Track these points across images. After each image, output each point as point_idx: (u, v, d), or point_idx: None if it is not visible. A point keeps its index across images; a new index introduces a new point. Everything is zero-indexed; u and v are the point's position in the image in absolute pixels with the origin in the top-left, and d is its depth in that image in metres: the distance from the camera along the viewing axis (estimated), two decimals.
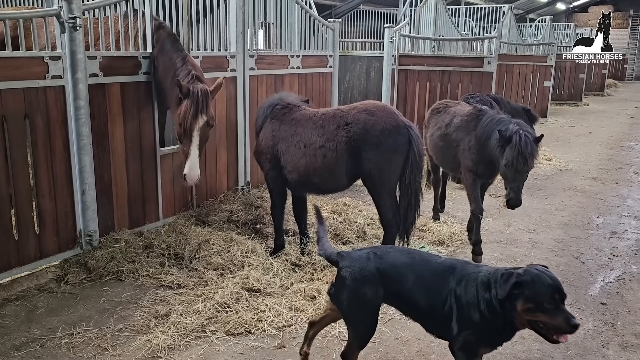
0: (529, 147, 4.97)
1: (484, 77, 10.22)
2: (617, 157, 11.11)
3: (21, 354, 3.75)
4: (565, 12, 35.45)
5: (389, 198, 4.98)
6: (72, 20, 4.79)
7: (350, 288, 3.13)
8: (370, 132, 4.76)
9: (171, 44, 5.38)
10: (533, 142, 5.03)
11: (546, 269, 2.84)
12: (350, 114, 4.90)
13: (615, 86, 28.34)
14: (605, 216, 7.16)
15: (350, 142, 4.80)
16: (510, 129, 5.08)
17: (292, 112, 5.15)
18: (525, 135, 5.01)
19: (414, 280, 3.09)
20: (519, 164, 4.96)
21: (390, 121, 4.81)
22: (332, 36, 8.31)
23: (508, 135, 5.02)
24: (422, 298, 3.07)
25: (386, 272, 3.12)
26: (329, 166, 4.90)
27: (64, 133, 4.92)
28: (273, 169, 5.19)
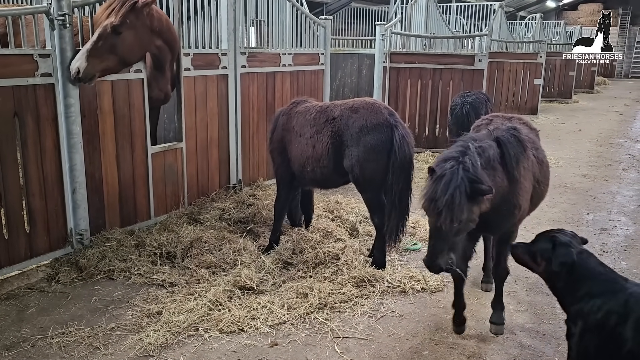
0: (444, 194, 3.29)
1: (475, 74, 10.26)
2: (607, 154, 11.20)
3: (12, 354, 3.73)
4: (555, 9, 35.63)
5: (374, 196, 5.02)
6: (62, 18, 4.76)
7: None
8: (350, 129, 4.88)
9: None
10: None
11: (559, 230, 3.22)
12: (338, 109, 5.06)
13: (605, 84, 28.52)
14: (595, 213, 7.22)
15: (334, 136, 4.96)
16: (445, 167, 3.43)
17: (298, 106, 5.44)
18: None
19: None
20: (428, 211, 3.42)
21: (371, 119, 4.85)
22: (324, 34, 8.30)
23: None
24: None
25: None
26: (318, 157, 5.07)
27: (54, 131, 4.89)
28: (282, 162, 5.44)
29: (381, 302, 4.56)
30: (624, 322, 2.72)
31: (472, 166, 3.35)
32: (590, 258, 3.03)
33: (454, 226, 3.31)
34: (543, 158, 4.17)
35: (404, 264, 5.31)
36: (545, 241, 3.11)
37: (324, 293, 4.50)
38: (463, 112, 8.26)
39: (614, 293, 2.83)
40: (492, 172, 3.53)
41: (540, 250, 3.13)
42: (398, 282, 4.84)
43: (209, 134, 6.51)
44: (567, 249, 3.00)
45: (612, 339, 2.75)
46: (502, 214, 3.71)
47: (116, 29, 4.90)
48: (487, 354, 3.86)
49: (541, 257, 3.11)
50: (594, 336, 2.82)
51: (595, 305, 2.84)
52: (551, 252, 3.04)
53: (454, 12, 17.19)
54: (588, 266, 2.99)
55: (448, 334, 4.12)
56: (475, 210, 3.38)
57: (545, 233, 3.22)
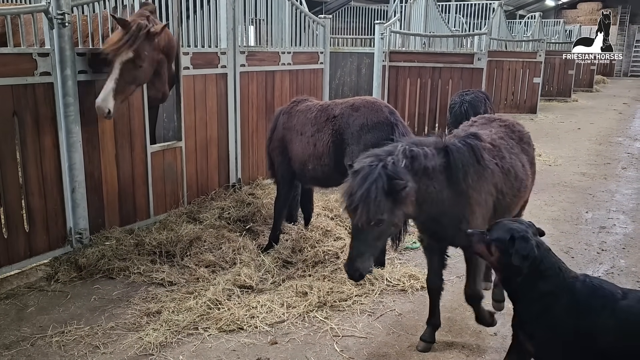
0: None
1: (474, 73, 10.27)
2: (606, 153, 11.20)
3: (12, 353, 3.73)
4: (555, 8, 35.62)
5: None
6: (61, 16, 4.75)
7: None
8: (351, 127, 4.91)
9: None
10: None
11: (516, 219, 3.19)
12: (339, 108, 5.09)
13: (604, 82, 28.54)
14: (594, 211, 7.23)
15: (335, 134, 4.98)
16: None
17: (298, 105, 5.45)
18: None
19: None
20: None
21: (372, 117, 4.87)
22: (323, 32, 8.30)
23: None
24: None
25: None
26: (319, 155, 5.08)
27: (54, 130, 4.88)
28: (283, 161, 5.42)
29: (380, 301, 4.56)
30: (589, 318, 2.71)
31: (392, 165, 3.15)
32: (550, 252, 2.97)
33: (373, 227, 3.15)
34: (512, 166, 3.76)
35: (403, 263, 5.32)
36: (503, 232, 2.96)
37: (323, 292, 4.51)
38: (462, 111, 8.25)
39: (571, 289, 2.81)
40: (425, 179, 3.28)
41: (496, 240, 2.97)
42: (397, 281, 4.85)
43: (208, 132, 6.51)
44: (527, 242, 2.87)
45: (580, 337, 2.73)
46: (446, 225, 3.48)
47: (138, 64, 4.99)
48: (485, 352, 3.87)
49: (496, 248, 2.96)
50: (562, 336, 2.78)
51: (560, 303, 2.80)
52: (508, 244, 2.90)
53: (453, 11, 17.20)
54: (549, 261, 2.92)
55: (447, 332, 4.12)
56: (398, 212, 3.19)
57: (501, 222, 3.08)
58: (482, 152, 3.54)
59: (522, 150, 4.02)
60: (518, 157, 3.89)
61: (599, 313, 2.69)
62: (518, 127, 4.20)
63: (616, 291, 2.76)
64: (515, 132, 4.11)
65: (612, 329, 2.65)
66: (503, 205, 3.72)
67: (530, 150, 4.19)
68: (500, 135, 3.93)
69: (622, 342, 2.64)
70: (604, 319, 2.67)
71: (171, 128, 6.99)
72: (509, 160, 3.78)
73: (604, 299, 2.72)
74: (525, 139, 4.15)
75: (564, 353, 2.79)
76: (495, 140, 3.80)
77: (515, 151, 3.90)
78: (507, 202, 3.74)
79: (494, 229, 3.05)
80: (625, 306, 2.66)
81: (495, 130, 3.97)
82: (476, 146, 3.52)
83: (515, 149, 3.93)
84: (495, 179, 3.61)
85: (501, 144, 3.83)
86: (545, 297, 2.85)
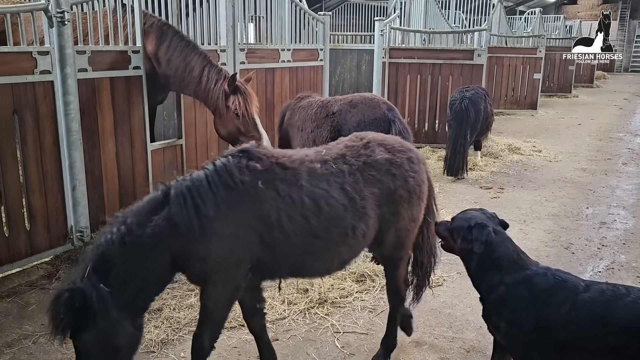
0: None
1: (474, 69, 10.26)
2: (606, 148, 11.19)
3: (14, 351, 3.74)
4: (555, 4, 35.52)
5: None
6: (61, 15, 4.75)
7: None
8: (348, 123, 4.98)
9: (185, 42, 5.43)
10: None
11: (477, 209, 3.20)
12: (337, 104, 5.16)
13: (604, 78, 28.47)
14: (595, 207, 7.23)
15: (333, 131, 5.06)
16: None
17: (301, 101, 5.51)
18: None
19: None
20: None
21: (369, 114, 4.92)
22: (323, 29, 8.29)
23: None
24: None
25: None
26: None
27: (54, 129, 4.89)
28: None
29: (381, 297, 4.57)
30: (549, 310, 2.73)
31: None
32: (507, 243, 3.00)
33: None
34: (315, 198, 2.93)
35: None
36: (463, 220, 3.08)
37: (324, 288, 4.52)
38: (462, 107, 8.26)
39: (528, 280, 2.84)
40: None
41: (456, 228, 3.09)
42: None
43: (208, 130, 6.51)
44: (484, 229, 2.95)
45: (540, 329, 2.75)
46: (189, 270, 2.91)
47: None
48: (486, 348, 3.87)
49: (457, 235, 3.07)
50: (523, 328, 2.79)
51: (517, 295, 2.82)
52: (467, 231, 3.00)
53: (453, 7, 17.15)
54: (503, 251, 2.94)
55: (447, 328, 4.13)
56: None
57: (464, 211, 3.19)
58: (239, 173, 2.84)
59: (367, 181, 3.10)
60: (341, 189, 3.01)
61: (560, 305, 2.71)
62: (380, 153, 3.21)
63: (579, 284, 2.78)
64: (369, 157, 3.17)
65: (573, 321, 2.67)
66: (286, 245, 2.89)
67: (394, 182, 3.17)
68: (328, 158, 3.11)
69: (583, 334, 2.67)
70: (564, 311, 2.69)
71: (171, 126, 6.98)
72: (309, 189, 2.93)
73: (566, 291, 2.74)
74: (384, 168, 3.17)
75: (526, 344, 2.82)
76: (304, 163, 3.02)
77: (337, 180, 3.02)
78: (296, 242, 2.91)
79: (456, 219, 3.14)
80: (587, 298, 2.68)
81: (330, 153, 3.17)
82: (229, 166, 2.87)
83: (348, 177, 3.05)
84: (266, 209, 2.84)
85: (312, 167, 3.01)
86: (499, 287, 2.88)
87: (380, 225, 3.19)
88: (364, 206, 3.06)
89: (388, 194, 3.16)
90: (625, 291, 2.67)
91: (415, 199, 3.30)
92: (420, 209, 3.39)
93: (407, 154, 3.32)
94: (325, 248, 3.04)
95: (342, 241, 3.06)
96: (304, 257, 3.04)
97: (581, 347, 2.70)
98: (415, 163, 3.33)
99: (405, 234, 3.36)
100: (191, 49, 5.40)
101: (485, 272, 2.96)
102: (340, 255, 3.14)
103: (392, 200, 3.18)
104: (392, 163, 3.21)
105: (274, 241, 2.87)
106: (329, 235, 3.00)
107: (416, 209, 3.34)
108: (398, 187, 3.19)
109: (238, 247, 2.83)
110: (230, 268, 2.86)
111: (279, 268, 3.07)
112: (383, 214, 3.16)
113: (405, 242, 3.43)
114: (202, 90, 5.31)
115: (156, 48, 5.47)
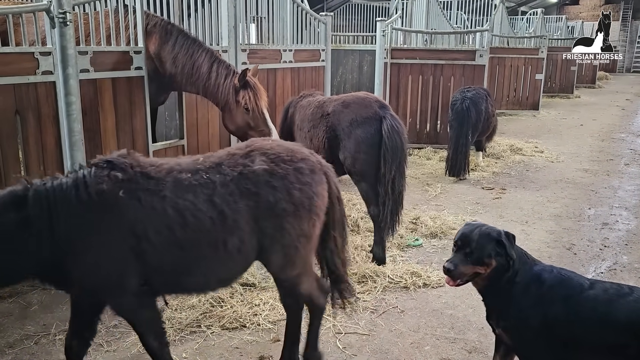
0: None
1: (476, 70, 10.25)
2: (608, 149, 11.18)
3: (15, 351, 3.75)
4: (557, 4, 35.49)
5: (368, 187, 5.10)
6: (62, 15, 4.74)
7: None
8: (342, 123, 5.05)
9: (190, 39, 5.49)
10: None
11: (487, 227, 2.95)
12: (332, 105, 5.23)
13: (607, 78, 28.43)
14: (597, 207, 7.21)
15: (328, 131, 5.14)
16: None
17: (302, 100, 5.62)
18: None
19: None
20: None
21: (361, 113, 4.99)
22: (325, 30, 8.29)
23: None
24: None
25: None
26: (315, 150, 5.18)
27: (56, 129, 4.89)
28: None
29: (383, 298, 4.57)
30: (556, 306, 2.75)
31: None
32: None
33: None
34: (178, 209, 2.81)
35: (405, 260, 5.32)
36: (484, 240, 2.86)
37: None
38: (463, 108, 8.25)
39: (539, 278, 2.86)
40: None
41: (482, 252, 2.86)
42: (399, 278, 4.85)
43: (210, 130, 6.51)
44: (506, 234, 2.90)
45: (548, 326, 2.77)
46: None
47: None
48: (488, 349, 3.86)
49: (487, 258, 2.86)
50: (533, 325, 2.80)
51: (530, 293, 2.83)
52: (497, 245, 2.86)
53: (454, 8, 17.14)
54: (518, 252, 2.96)
55: (449, 329, 4.12)
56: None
57: (470, 234, 2.91)
58: (96, 183, 2.77)
59: (242, 193, 2.90)
60: (209, 200, 2.85)
61: (566, 301, 2.73)
62: (260, 163, 2.98)
63: (584, 281, 2.81)
64: (246, 168, 2.97)
65: (577, 319, 2.70)
66: (156, 257, 2.83)
67: (275, 195, 2.94)
68: (201, 167, 2.96)
69: (586, 332, 2.69)
70: (570, 307, 2.72)
71: (173, 126, 6.99)
72: (173, 200, 2.81)
73: (571, 288, 2.77)
74: (262, 180, 2.94)
75: (535, 342, 2.82)
76: (171, 173, 2.90)
77: (205, 192, 2.86)
78: (164, 255, 2.84)
79: (475, 245, 2.87)
80: (591, 295, 2.71)
81: (206, 162, 3.02)
82: (88, 176, 2.80)
83: (219, 189, 2.88)
84: (130, 219, 2.77)
85: (178, 178, 2.88)
86: (515, 287, 2.87)
87: (261, 241, 2.99)
88: (236, 219, 2.88)
89: (267, 208, 2.93)
90: (628, 290, 2.68)
91: (305, 213, 3.02)
92: (313, 223, 3.10)
93: (296, 165, 3.04)
94: (195, 263, 2.91)
95: (213, 256, 2.91)
96: (176, 271, 2.92)
97: (584, 344, 2.72)
98: (306, 174, 3.05)
99: (295, 251, 3.08)
100: (197, 46, 5.46)
101: (502, 274, 2.90)
102: (214, 271, 3.01)
103: (273, 215, 2.95)
104: (272, 174, 2.96)
105: (144, 253, 2.79)
106: (198, 249, 2.87)
107: (307, 223, 3.05)
108: (280, 200, 2.94)
109: (106, 257, 2.79)
110: (107, 278, 2.84)
111: (158, 282, 2.95)
112: (263, 228, 2.95)
113: (296, 260, 3.14)
114: (212, 85, 5.37)
115: (159, 48, 5.50)
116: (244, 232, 2.91)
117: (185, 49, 5.42)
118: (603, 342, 2.66)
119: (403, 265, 5.13)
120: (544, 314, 2.76)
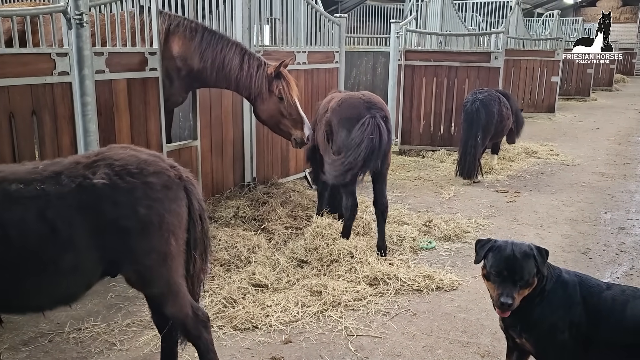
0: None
1: (491, 72, 10.17)
2: (625, 153, 11.03)
3: (30, 349, 3.78)
4: (573, 6, 35.14)
5: (352, 182, 5.28)
6: (79, 17, 4.79)
7: None
8: (333, 121, 5.33)
9: (218, 35, 5.66)
10: None
11: (520, 244, 2.85)
12: (333, 102, 5.48)
13: (624, 81, 28.10)
14: (613, 212, 7.12)
15: (327, 126, 5.43)
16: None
17: (325, 98, 5.94)
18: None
19: None
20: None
21: (350, 112, 5.22)
22: (339, 31, 8.28)
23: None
24: None
25: None
26: (322, 143, 5.62)
27: (71, 129, 4.93)
28: (312, 147, 5.95)
29: (395, 301, 4.54)
30: (579, 308, 2.80)
31: None
32: None
33: None
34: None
35: (417, 263, 5.29)
36: (522, 258, 2.78)
37: (337, 291, 4.50)
38: (473, 109, 8.18)
39: (564, 282, 2.89)
40: None
41: (532, 272, 2.80)
42: (412, 281, 4.82)
43: (223, 132, 6.54)
44: (538, 248, 2.88)
45: (573, 328, 2.80)
46: None
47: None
48: (501, 353, 3.82)
49: (533, 278, 2.81)
50: (560, 329, 2.82)
51: (556, 297, 2.86)
52: (535, 262, 2.80)
53: (469, 10, 17.05)
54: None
55: (462, 333, 4.09)
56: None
57: (499, 255, 2.83)
58: None
59: (79, 208, 2.65)
60: (40, 214, 2.58)
61: (586, 302, 2.79)
62: (102, 176, 2.71)
63: (601, 283, 2.88)
64: (86, 180, 2.70)
65: (597, 319, 2.75)
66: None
67: (116, 211, 2.70)
68: (38, 177, 2.67)
69: (605, 332, 2.74)
70: (590, 308, 2.78)
71: (187, 127, 7.02)
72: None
73: (590, 289, 2.84)
74: (102, 194, 2.68)
75: (563, 346, 2.83)
76: (1, 184, 2.61)
77: (37, 205, 2.58)
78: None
79: (520, 269, 2.77)
80: (609, 296, 2.78)
81: (45, 171, 2.73)
82: None
83: (55, 201, 2.61)
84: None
85: (7, 189, 2.58)
86: (543, 295, 2.87)
87: (107, 257, 2.75)
88: (71, 235, 2.62)
89: (108, 224, 2.69)
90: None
91: (155, 231, 2.79)
92: (166, 241, 2.85)
93: (145, 179, 2.78)
94: (21, 282, 2.62)
95: (43, 275, 2.63)
96: (2, 290, 2.63)
97: (602, 345, 2.76)
98: (157, 190, 2.80)
99: (147, 270, 2.86)
100: (226, 40, 5.64)
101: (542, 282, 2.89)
102: (46, 291, 2.72)
103: (115, 231, 2.71)
104: (114, 188, 2.69)
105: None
106: (25, 267, 2.59)
107: (158, 241, 2.82)
108: (122, 216, 2.70)
109: None
110: None
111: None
112: (106, 245, 2.70)
113: (153, 279, 2.91)
114: (244, 77, 5.58)
115: (185, 46, 5.57)
116: (81, 250, 2.67)
117: (214, 44, 5.57)
118: (621, 342, 2.71)
119: (415, 268, 5.10)
120: (570, 314, 2.79)
